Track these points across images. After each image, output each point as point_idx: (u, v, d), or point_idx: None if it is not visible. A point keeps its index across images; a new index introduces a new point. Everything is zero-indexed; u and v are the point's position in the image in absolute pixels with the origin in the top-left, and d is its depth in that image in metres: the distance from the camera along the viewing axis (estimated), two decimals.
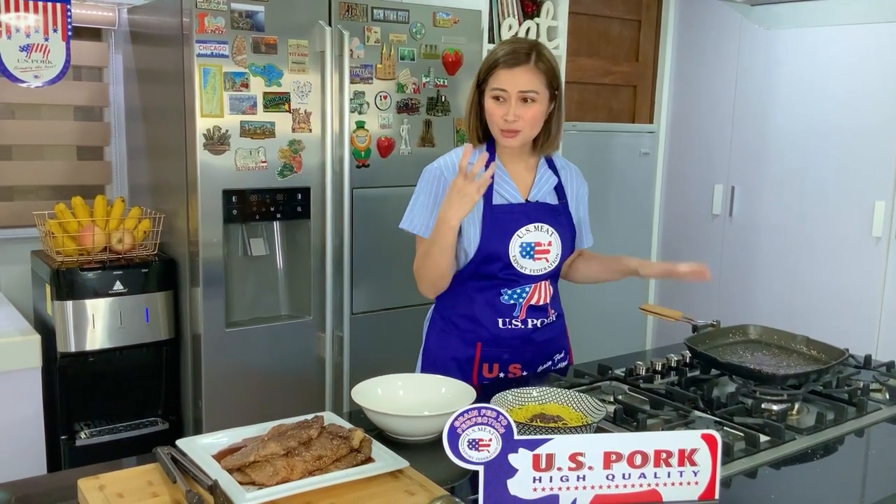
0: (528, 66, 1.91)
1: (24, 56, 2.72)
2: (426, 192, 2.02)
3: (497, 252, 1.96)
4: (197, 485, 1.36)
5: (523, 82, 1.91)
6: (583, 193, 2.15)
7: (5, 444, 2.37)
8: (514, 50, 1.92)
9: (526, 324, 2.04)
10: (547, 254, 2.00)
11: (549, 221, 2.01)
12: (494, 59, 1.93)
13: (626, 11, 4.12)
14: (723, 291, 4.00)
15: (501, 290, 2.00)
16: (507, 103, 1.92)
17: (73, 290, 2.56)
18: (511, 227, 1.96)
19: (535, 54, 1.92)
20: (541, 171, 2.07)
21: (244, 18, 2.57)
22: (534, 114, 1.93)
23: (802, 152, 3.62)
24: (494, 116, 1.94)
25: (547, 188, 2.05)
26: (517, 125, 1.92)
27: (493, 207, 1.97)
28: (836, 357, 1.94)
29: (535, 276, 2.01)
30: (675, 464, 1.33)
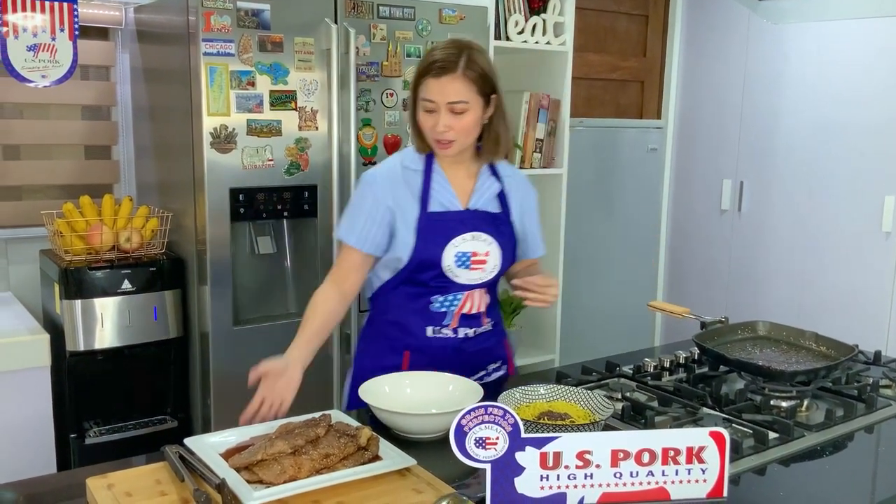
0: (456, 74, 1.81)
1: (32, 56, 2.73)
2: (358, 200, 1.95)
3: (431, 260, 1.88)
4: (205, 483, 1.36)
5: (451, 92, 1.82)
6: (529, 202, 2.05)
7: (15, 443, 2.38)
8: (441, 57, 1.83)
9: (457, 332, 1.95)
10: (484, 264, 1.92)
11: (487, 230, 1.92)
12: (423, 68, 1.85)
13: (633, 7, 4.11)
14: (731, 287, 3.98)
15: (432, 298, 1.93)
16: (437, 114, 1.83)
17: (82, 289, 2.56)
18: (447, 235, 1.89)
19: (464, 61, 1.82)
20: (482, 177, 1.98)
21: (250, 17, 2.57)
22: (465, 124, 1.85)
23: (811, 147, 3.60)
24: (425, 127, 1.87)
25: (488, 196, 1.96)
26: (449, 136, 1.84)
27: (429, 214, 1.90)
28: (846, 353, 1.93)
29: (469, 286, 1.93)
30: (684, 461, 1.32)
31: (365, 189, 1.94)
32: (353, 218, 1.94)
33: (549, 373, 2.13)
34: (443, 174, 1.94)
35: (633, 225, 4.12)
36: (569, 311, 3.70)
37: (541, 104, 3.43)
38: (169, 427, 2.76)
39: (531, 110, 3.41)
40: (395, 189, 1.92)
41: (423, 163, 1.94)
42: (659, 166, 4.18)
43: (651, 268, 4.25)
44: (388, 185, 1.92)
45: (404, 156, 1.98)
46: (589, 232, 3.92)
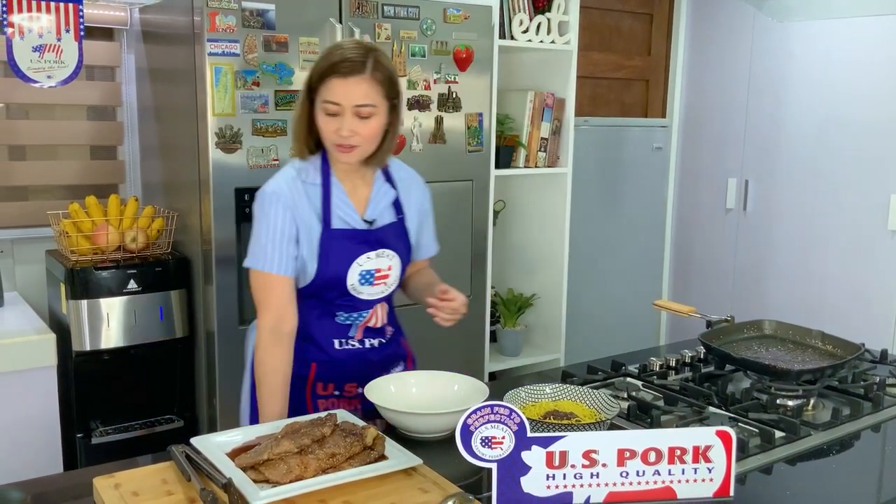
0: (365, 76, 1.72)
1: (37, 56, 2.74)
2: (266, 220, 1.81)
3: (335, 280, 1.83)
4: (211, 483, 1.36)
5: (359, 95, 1.73)
6: (425, 204, 2.00)
7: (22, 443, 2.39)
8: (348, 57, 1.73)
9: (363, 343, 1.92)
10: (386, 279, 1.89)
11: (389, 245, 1.88)
12: (327, 66, 1.74)
13: (637, 5, 4.10)
14: (737, 286, 3.98)
15: (337, 313, 1.88)
16: (342, 117, 1.74)
17: (88, 289, 2.57)
18: (351, 255, 1.83)
19: (371, 62, 1.73)
20: (377, 184, 1.91)
21: (255, 17, 2.57)
22: (371, 129, 1.77)
23: (817, 145, 3.60)
24: (327, 131, 1.77)
25: (385, 204, 1.91)
26: (353, 140, 1.76)
27: (332, 232, 1.82)
28: (852, 352, 1.93)
29: (372, 301, 1.90)
30: (690, 461, 1.32)
31: (273, 207, 1.80)
32: (264, 242, 1.80)
33: (554, 372, 2.13)
34: (340, 186, 1.85)
35: (638, 224, 4.11)
36: (574, 310, 3.70)
37: (545, 103, 3.43)
38: (175, 427, 2.76)
39: (535, 109, 3.41)
40: (299, 204, 1.82)
41: (321, 175, 1.84)
42: (664, 165, 4.17)
43: (656, 266, 4.25)
44: (293, 200, 1.81)
45: (299, 169, 1.85)
46: (594, 231, 3.92)
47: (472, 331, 3.22)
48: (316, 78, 1.76)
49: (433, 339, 3.11)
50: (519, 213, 3.74)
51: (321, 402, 1.91)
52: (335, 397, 1.92)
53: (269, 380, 1.81)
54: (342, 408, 1.86)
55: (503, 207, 3.75)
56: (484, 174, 3.16)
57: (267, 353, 1.81)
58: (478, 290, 3.20)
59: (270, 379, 1.81)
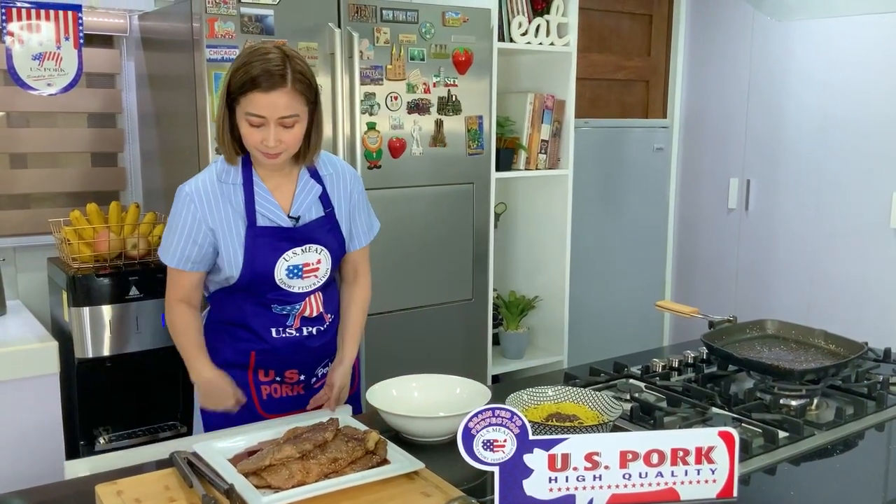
0: (286, 88, 1.73)
1: (37, 65, 2.74)
2: (176, 218, 1.87)
3: (262, 276, 1.86)
4: (213, 489, 1.36)
5: (282, 107, 1.73)
6: (354, 193, 2.01)
7: (25, 450, 2.39)
8: (267, 70, 1.71)
9: (301, 332, 1.95)
10: (316, 271, 1.91)
11: (316, 240, 1.90)
12: (247, 80, 1.72)
13: (636, 6, 4.10)
14: (740, 286, 3.97)
15: (273, 305, 1.91)
16: (266, 128, 1.75)
17: (90, 296, 2.57)
18: (276, 252, 1.86)
19: (290, 73, 1.73)
20: (302, 181, 1.92)
21: (254, 22, 2.57)
22: (295, 135, 1.79)
23: (818, 144, 3.59)
24: (251, 140, 1.77)
25: (311, 199, 1.92)
26: (279, 149, 1.78)
27: (256, 230, 1.84)
28: (855, 351, 1.92)
29: (304, 293, 1.92)
30: (693, 462, 1.32)
31: (181, 207, 1.86)
32: (171, 237, 1.87)
33: (557, 374, 2.13)
34: (263, 185, 1.87)
35: (640, 225, 4.11)
36: (577, 311, 3.69)
37: (545, 105, 3.43)
38: (178, 433, 2.76)
39: (535, 111, 3.41)
40: (213, 207, 1.84)
41: (242, 175, 1.86)
42: (665, 166, 4.17)
43: (659, 267, 4.24)
44: (206, 203, 1.84)
45: (219, 170, 1.87)
46: (596, 232, 3.92)
47: (475, 333, 3.22)
48: (236, 89, 1.75)
49: (436, 343, 3.11)
50: (520, 215, 3.74)
51: (264, 387, 1.97)
52: (277, 383, 1.98)
53: (181, 340, 1.91)
54: (285, 394, 1.99)
55: (504, 210, 3.75)
56: (485, 177, 3.16)
57: (176, 316, 1.91)
58: (480, 293, 3.20)
59: (183, 340, 1.91)
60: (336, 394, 1.96)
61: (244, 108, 1.75)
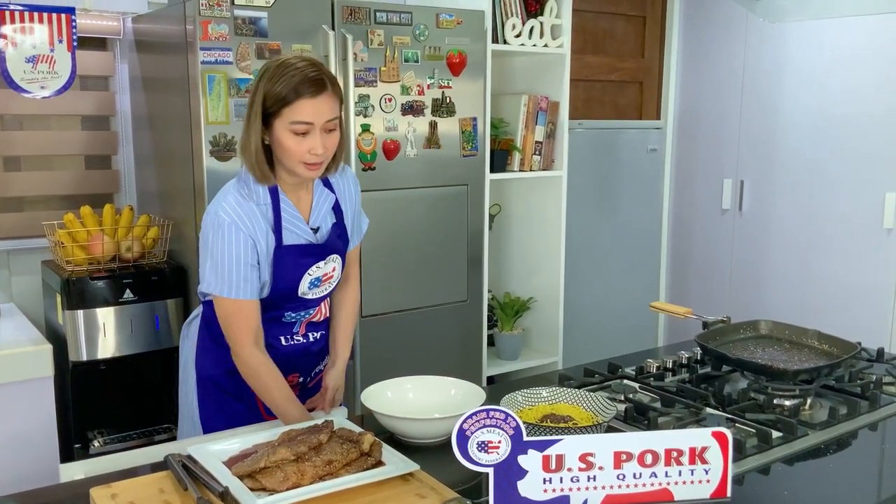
0: (328, 91, 1.75)
1: (31, 67, 2.74)
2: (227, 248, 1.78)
3: (288, 291, 1.86)
4: (208, 491, 1.36)
5: (327, 111, 1.75)
6: (356, 195, 2.03)
7: (20, 454, 2.38)
8: (309, 77, 1.72)
9: (307, 338, 1.97)
10: (331, 279, 1.93)
11: (335, 250, 1.92)
12: (291, 89, 1.72)
13: (630, 8, 4.11)
14: (733, 286, 3.98)
15: (285, 314, 1.91)
16: (312, 136, 1.74)
17: (84, 299, 2.57)
18: (302, 268, 1.86)
19: (326, 77, 1.75)
20: (318, 190, 1.92)
21: (247, 25, 2.57)
22: (335, 141, 1.80)
23: (811, 145, 3.60)
24: (296, 152, 1.75)
25: (326, 208, 1.93)
26: (326, 155, 1.78)
27: (285, 249, 1.83)
28: (848, 351, 1.93)
29: (318, 299, 1.95)
30: (686, 462, 1.32)
31: (229, 235, 1.78)
32: (228, 271, 1.78)
33: (551, 375, 2.13)
34: (288, 201, 1.85)
35: (634, 226, 4.12)
36: (571, 312, 3.70)
37: (539, 106, 3.43)
38: (173, 436, 2.76)
39: (530, 113, 3.41)
40: (255, 228, 1.80)
41: (269, 195, 1.83)
42: (659, 167, 4.18)
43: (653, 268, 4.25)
44: (249, 226, 1.80)
45: (246, 192, 1.81)
46: (590, 234, 3.92)
47: (470, 335, 3.23)
48: (278, 101, 1.73)
49: (431, 344, 3.11)
50: (515, 216, 3.75)
51: None
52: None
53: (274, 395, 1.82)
54: None
55: (499, 211, 3.75)
56: (479, 178, 3.16)
57: (256, 366, 1.81)
58: (475, 294, 3.20)
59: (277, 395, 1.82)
60: (331, 396, 1.96)
61: (288, 119, 1.73)
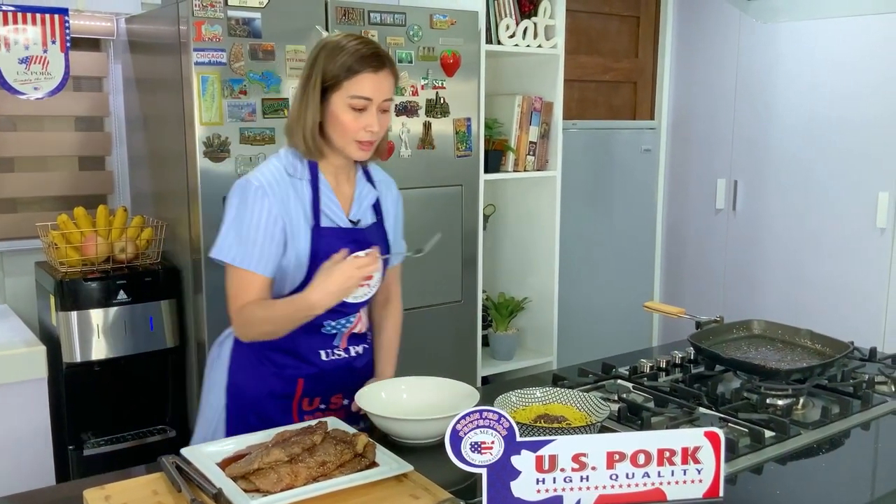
0: (388, 69, 1.71)
1: (24, 68, 2.73)
2: (248, 215, 1.70)
3: None
4: (202, 493, 1.36)
5: (387, 89, 1.71)
6: (398, 207, 1.97)
7: (13, 455, 2.38)
8: (373, 52, 1.69)
9: (348, 352, 1.87)
10: (370, 279, 1.81)
11: (374, 245, 1.81)
12: (355, 61, 1.67)
13: (624, 8, 4.12)
14: (727, 286, 3.99)
15: (324, 322, 1.81)
16: (369, 113, 1.70)
17: (78, 301, 2.56)
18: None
19: (386, 58, 1.71)
20: (360, 185, 1.86)
21: (241, 25, 2.57)
22: (387, 123, 1.76)
23: (805, 145, 3.61)
24: (352, 128, 1.70)
25: (366, 204, 1.86)
26: (380, 135, 1.74)
27: (322, 231, 1.75)
28: (841, 350, 1.94)
29: (358, 304, 1.84)
30: (679, 462, 1.33)
31: (253, 202, 1.70)
32: (242, 237, 1.70)
33: (545, 375, 2.13)
34: (327, 183, 1.79)
35: (628, 226, 4.12)
36: (566, 313, 3.70)
37: (533, 107, 3.44)
38: (167, 437, 2.76)
39: (524, 113, 3.41)
40: (287, 200, 1.73)
41: (308, 171, 1.77)
42: (653, 167, 4.19)
43: (647, 268, 4.26)
44: (281, 195, 1.72)
45: (285, 162, 1.77)
46: (584, 234, 3.93)
47: (464, 335, 3.23)
48: (340, 73, 1.68)
49: (425, 345, 3.11)
50: (509, 216, 3.75)
51: (307, 417, 1.84)
52: (320, 411, 1.86)
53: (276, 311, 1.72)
54: None
55: (493, 212, 3.75)
56: (473, 179, 3.16)
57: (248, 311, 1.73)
58: (469, 295, 3.21)
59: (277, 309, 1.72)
60: None
61: (348, 92, 1.68)
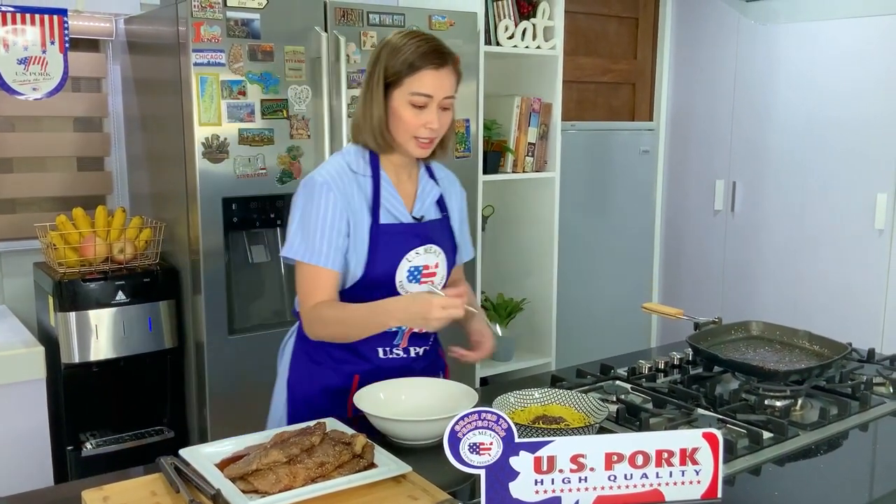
0: (450, 67, 1.70)
1: (23, 69, 2.73)
2: (314, 211, 1.72)
3: (383, 277, 1.75)
4: (200, 494, 1.36)
5: (448, 86, 1.71)
6: (463, 204, 1.96)
7: (12, 456, 2.38)
8: (436, 49, 1.68)
9: (408, 352, 1.85)
10: (433, 276, 1.81)
11: (437, 241, 1.82)
12: (417, 57, 1.67)
13: (622, 9, 4.12)
14: (726, 287, 3.99)
15: None
16: (430, 110, 1.69)
17: (76, 301, 2.56)
18: (400, 251, 1.76)
19: (449, 55, 1.71)
20: (423, 181, 1.86)
21: (240, 26, 2.57)
22: (449, 120, 1.75)
23: (803, 146, 3.62)
24: (412, 124, 1.70)
25: (430, 201, 1.85)
26: (440, 132, 1.73)
27: (381, 226, 1.75)
28: (839, 352, 1.94)
29: None
30: (677, 463, 1.33)
31: (318, 197, 1.72)
32: (311, 233, 1.72)
33: (544, 376, 2.13)
34: (389, 179, 1.80)
35: (626, 227, 4.13)
36: (564, 314, 3.70)
37: (532, 108, 3.44)
38: (166, 438, 2.76)
39: (522, 114, 3.42)
40: (351, 195, 1.75)
41: (370, 167, 1.79)
42: (651, 168, 4.19)
43: (646, 269, 4.26)
44: (345, 190, 1.74)
45: (349, 159, 1.79)
46: (583, 235, 3.93)
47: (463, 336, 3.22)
48: (402, 70, 1.68)
49: None
50: (508, 218, 3.75)
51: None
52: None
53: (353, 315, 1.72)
54: None
55: (492, 213, 3.75)
56: (472, 179, 3.16)
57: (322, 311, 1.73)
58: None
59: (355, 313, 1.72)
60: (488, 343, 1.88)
61: (409, 89, 1.68)
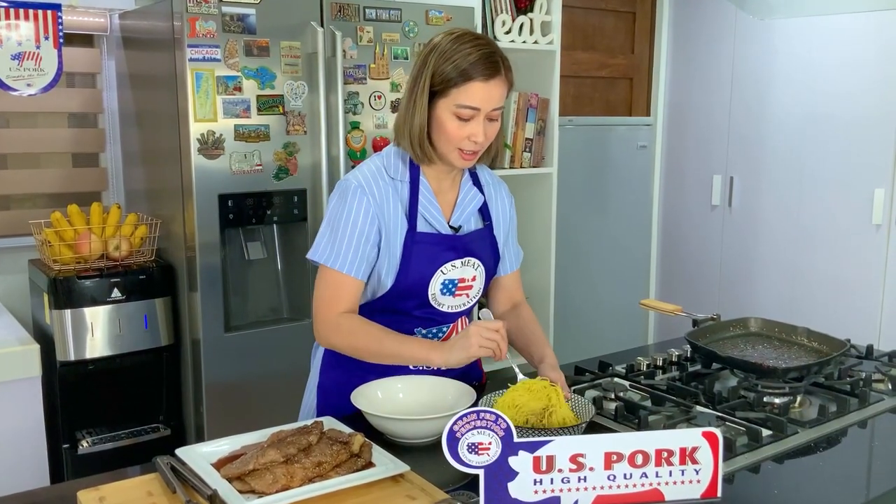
0: (501, 77, 1.61)
1: (16, 64, 2.71)
2: (345, 214, 1.65)
3: (416, 288, 1.68)
4: (197, 494, 1.35)
5: (497, 98, 1.61)
6: (510, 211, 1.89)
7: (7, 455, 2.37)
8: (485, 57, 1.58)
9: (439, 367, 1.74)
10: (469, 290, 1.74)
11: (476, 254, 1.74)
12: (464, 69, 1.57)
13: (620, 4, 4.11)
14: (723, 283, 3.99)
15: (415, 329, 1.74)
16: (475, 122, 1.60)
17: (71, 299, 2.55)
18: (435, 262, 1.69)
19: (501, 60, 1.61)
20: (465, 188, 1.77)
21: (235, 21, 2.56)
22: (495, 130, 1.66)
23: (800, 141, 3.61)
24: (455, 136, 1.61)
25: (471, 209, 1.77)
26: (482, 146, 1.64)
27: (417, 236, 1.67)
28: (838, 348, 1.93)
29: (454, 314, 1.76)
30: (677, 462, 1.32)
31: (351, 201, 1.65)
32: (341, 236, 1.65)
33: None
34: (428, 186, 1.71)
35: (624, 223, 4.12)
36: (562, 310, 3.70)
37: (529, 103, 3.43)
38: (162, 435, 2.75)
39: (520, 110, 3.40)
40: (385, 201, 1.67)
41: (409, 173, 1.71)
42: (649, 163, 4.18)
43: (643, 264, 4.25)
44: (380, 195, 1.67)
45: (387, 163, 1.71)
46: (580, 230, 3.92)
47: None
48: (448, 80, 1.58)
49: None
50: None
51: None
52: None
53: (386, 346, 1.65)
54: None
55: None
56: None
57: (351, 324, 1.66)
58: None
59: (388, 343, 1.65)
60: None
61: (455, 101, 1.59)
